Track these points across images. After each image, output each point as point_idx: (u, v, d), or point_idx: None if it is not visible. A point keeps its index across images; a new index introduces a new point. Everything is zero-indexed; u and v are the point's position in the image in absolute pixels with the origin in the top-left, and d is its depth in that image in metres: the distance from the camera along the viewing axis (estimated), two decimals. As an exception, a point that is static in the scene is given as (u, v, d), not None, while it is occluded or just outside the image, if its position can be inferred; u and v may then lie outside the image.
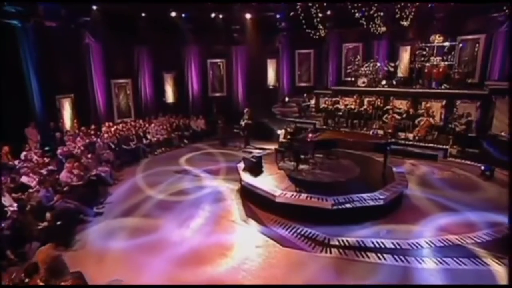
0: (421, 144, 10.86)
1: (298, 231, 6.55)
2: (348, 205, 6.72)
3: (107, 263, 5.71)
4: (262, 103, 15.77)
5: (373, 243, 6.09)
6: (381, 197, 6.88)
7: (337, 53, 15.81)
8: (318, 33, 14.03)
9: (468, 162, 10.02)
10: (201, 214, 7.48)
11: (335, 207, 6.67)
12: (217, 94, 16.91)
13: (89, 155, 9.44)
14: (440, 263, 5.49)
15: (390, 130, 11.35)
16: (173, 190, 8.82)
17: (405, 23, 12.26)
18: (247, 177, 8.21)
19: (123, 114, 14.16)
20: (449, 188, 8.48)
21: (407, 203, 7.62)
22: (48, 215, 5.90)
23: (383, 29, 12.73)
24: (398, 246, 5.98)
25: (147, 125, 12.75)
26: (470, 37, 12.61)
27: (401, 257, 5.67)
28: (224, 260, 5.75)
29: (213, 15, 14.97)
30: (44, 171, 7.78)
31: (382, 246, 6.00)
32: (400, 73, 13.76)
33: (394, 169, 8.43)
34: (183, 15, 14.44)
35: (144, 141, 11.90)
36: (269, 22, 15.77)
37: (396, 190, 7.25)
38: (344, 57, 15.74)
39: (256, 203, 7.67)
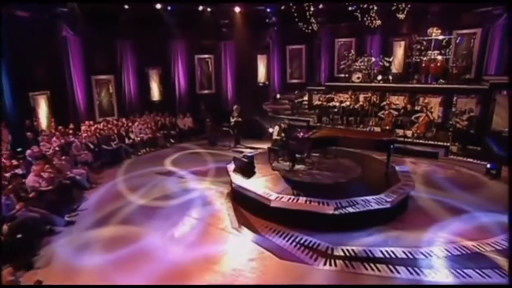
0: (421, 141, 10.23)
1: (297, 240, 5.73)
2: (351, 209, 5.93)
3: (75, 283, 4.76)
4: (253, 100, 14.97)
5: (382, 252, 5.31)
6: (388, 199, 6.13)
7: (329, 48, 15.21)
8: (310, 27, 13.30)
9: (471, 160, 9.39)
10: (187, 221, 6.60)
11: (337, 212, 5.87)
12: (205, 92, 15.99)
13: (63, 157, 8.40)
14: (461, 275, 4.73)
15: (387, 127, 10.70)
16: (156, 194, 7.90)
17: (401, 16, 11.61)
18: (238, 179, 7.39)
19: (105, 113, 13.13)
20: (455, 188, 7.83)
21: (413, 205, 6.91)
22: (4, 227, 4.92)
23: (378, 22, 12.06)
24: (410, 256, 5.21)
25: (130, 124, 11.75)
26: (466, 31, 12.09)
27: (416, 269, 4.91)
28: (213, 277, 4.89)
29: (200, 8, 14.05)
30: (8, 175, 6.74)
31: (393, 256, 5.23)
32: (394, 69, 13.16)
33: (398, 169, 7.72)
34: (168, 8, 13.47)
35: (126, 140, 10.92)
36: (259, 16, 15.02)
37: (403, 192, 6.50)
38: (337, 53, 15.11)
39: (248, 208, 6.85)
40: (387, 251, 5.32)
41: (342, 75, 14.30)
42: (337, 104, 12.17)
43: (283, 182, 7.12)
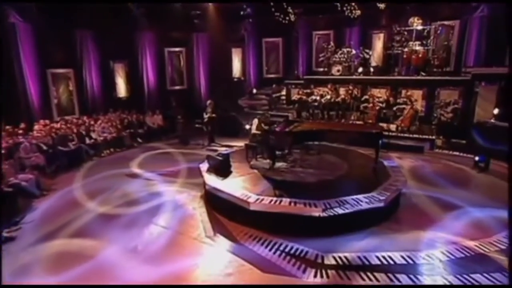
0: (406, 135, 9.87)
1: (282, 248, 5.00)
2: (341, 210, 5.28)
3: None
4: (228, 96, 14.34)
5: (378, 258, 4.68)
6: (381, 198, 5.53)
7: (307, 41, 14.76)
8: (287, 18, 12.68)
9: (457, 153, 9.09)
10: (154, 230, 5.71)
11: (326, 214, 5.19)
12: (177, 87, 15.02)
13: (7, 161, 7.23)
14: (469, 281, 4.17)
15: (370, 121, 10.28)
16: (119, 201, 6.94)
17: (381, 6, 11.21)
18: (212, 180, 6.60)
19: (64, 111, 11.82)
20: (444, 182, 7.44)
21: (405, 202, 6.38)
22: None
23: (358, 12, 11.61)
24: (410, 261, 4.62)
25: (92, 122, 10.61)
26: (445, 23, 11.86)
27: (418, 276, 4.30)
28: (183, 299, 4.05)
29: (170, -2, 13.10)
30: None
31: (391, 261, 4.61)
32: (373, 62, 12.80)
33: (387, 164, 7.19)
34: (134, -4, 12.42)
35: (87, 140, 9.79)
36: (233, 7, 14.32)
37: (396, 189, 5.94)
38: (315, 46, 14.64)
39: (225, 213, 6.07)
40: (384, 257, 4.70)
41: (321, 69, 13.87)
42: (317, 98, 11.60)
43: (263, 182, 6.42)
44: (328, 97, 11.56)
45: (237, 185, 6.28)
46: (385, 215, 5.69)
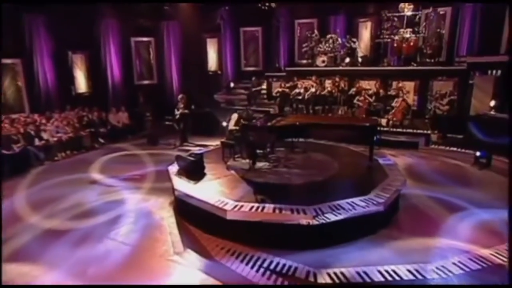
0: (398, 130, 9.49)
1: (265, 265, 4.35)
2: (335, 217, 4.67)
3: None
4: (203, 90, 13.67)
5: (381, 273, 4.09)
6: (379, 200, 4.97)
7: (288, 30, 14.22)
8: (267, 5, 12.11)
9: (454, 148, 8.75)
10: (112, 248, 4.92)
11: (317, 221, 4.58)
12: (146, 82, 14.21)
13: None
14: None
15: (362, 115, 9.80)
16: (71, 212, 6.07)
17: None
18: (182, 185, 5.91)
19: (11, 108, 10.68)
20: (445, 181, 7.04)
21: (406, 205, 5.89)
22: None
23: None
24: (420, 276, 4.06)
25: (44, 121, 9.59)
26: (437, 9, 11.56)
27: (430, 296, 3.74)
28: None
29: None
30: None
31: (397, 277, 4.03)
32: (360, 52, 12.40)
33: (382, 161, 6.70)
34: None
35: (37, 142, 8.78)
36: (207, -8, 13.57)
37: (395, 190, 5.40)
38: (297, 36, 14.12)
39: (197, 223, 5.38)
40: (388, 272, 4.12)
41: (304, 61, 13.43)
42: (302, 91, 11.07)
43: (242, 185, 5.80)
44: (313, 90, 11.05)
45: (212, 190, 5.62)
46: (384, 220, 5.15)
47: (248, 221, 4.82)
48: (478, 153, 7.62)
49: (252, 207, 4.94)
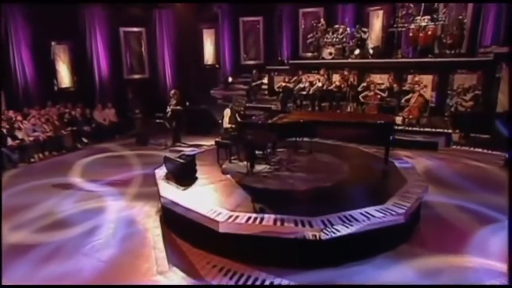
0: (415, 129, 9.05)
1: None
2: (347, 229, 4.19)
3: None
4: (199, 85, 13.46)
5: (403, 300, 3.59)
6: (399, 210, 4.48)
7: (292, 20, 13.87)
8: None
9: (479, 149, 8.30)
10: (85, 266, 4.47)
11: (325, 235, 4.10)
12: (136, 76, 13.77)
13: None
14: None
15: (372, 112, 9.37)
16: (42, 223, 5.63)
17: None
18: (170, 191, 5.46)
19: (-15, 104, 10.29)
20: (471, 186, 6.58)
21: (428, 215, 5.40)
22: None
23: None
24: (450, 304, 3.56)
25: (20, 118, 9.15)
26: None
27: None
28: None
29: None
30: None
31: (421, 305, 3.53)
32: (371, 43, 11.98)
33: (398, 164, 6.22)
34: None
35: (9, 141, 8.33)
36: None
37: (417, 197, 4.91)
38: (302, 26, 13.77)
39: (186, 236, 4.94)
40: (411, 297, 3.62)
41: (309, 54, 13.09)
42: (306, 85, 10.66)
43: (238, 192, 5.33)
44: (320, 84, 10.63)
45: (203, 197, 5.15)
46: (404, 233, 4.67)
47: (244, 235, 4.36)
48: (507, 155, 7.11)
49: (249, 218, 4.47)
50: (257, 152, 6.42)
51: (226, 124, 6.74)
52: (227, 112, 6.81)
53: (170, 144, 9.92)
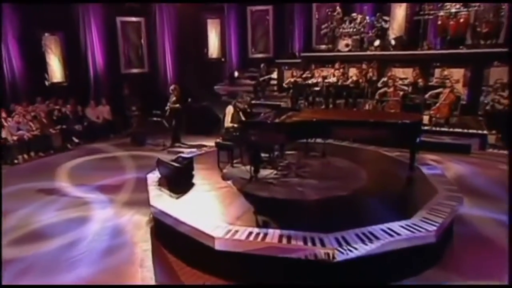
0: (443, 129, 8.61)
1: (266, 319, 3.44)
2: (366, 249, 3.76)
3: None
4: (202, 81, 13.11)
5: None
6: (429, 228, 4.01)
7: (305, 9, 13.49)
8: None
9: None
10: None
11: (340, 256, 3.67)
12: (134, 71, 13.62)
13: None
14: None
15: (393, 110, 8.99)
16: (20, 233, 5.35)
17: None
18: (161, 199, 5.10)
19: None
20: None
21: (463, 231, 4.92)
22: None
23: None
24: None
25: (4, 115, 8.94)
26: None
27: None
28: None
29: None
30: None
31: None
32: (392, 34, 11.55)
33: (426, 171, 5.76)
34: None
35: (-9, 141, 8.13)
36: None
37: (450, 211, 4.43)
38: (316, 15, 13.36)
39: (178, 252, 4.57)
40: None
41: (324, 46, 12.73)
42: (320, 80, 10.33)
43: (239, 202, 4.96)
44: (334, 79, 10.29)
45: (199, 207, 4.79)
46: (435, 255, 4.20)
47: (244, 254, 3.95)
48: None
49: (250, 233, 4.06)
50: (262, 155, 6.07)
51: (227, 123, 6.37)
52: (230, 110, 6.45)
53: (169, 144, 9.68)
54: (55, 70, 11.88)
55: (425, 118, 8.69)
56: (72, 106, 10.55)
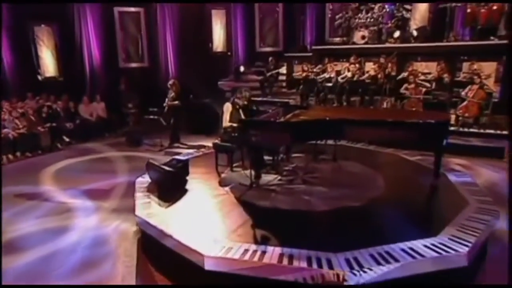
0: (472, 130, 8.18)
1: None
2: (383, 271, 3.32)
3: None
4: (206, 76, 12.83)
5: None
6: (460, 248, 3.55)
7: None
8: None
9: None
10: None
11: (353, 280, 3.25)
12: (133, 65, 13.42)
13: None
14: None
15: (414, 109, 8.61)
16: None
17: None
18: (148, 208, 4.76)
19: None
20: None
21: (498, 251, 4.39)
22: None
23: None
24: None
25: (-12, 113, 8.78)
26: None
27: None
28: None
29: None
30: None
31: None
32: (414, 24, 11.16)
33: (454, 178, 5.32)
34: None
35: (-26, 140, 7.90)
36: None
37: (485, 229, 3.95)
38: (329, 6, 13.12)
39: (165, 270, 4.21)
40: None
41: (338, 38, 12.45)
42: (332, 75, 9.96)
43: (236, 213, 4.58)
44: (349, 74, 9.90)
45: (189, 219, 4.43)
46: (465, 279, 3.72)
47: (238, 275, 3.55)
48: None
49: (246, 250, 3.66)
50: (266, 157, 5.70)
51: (226, 122, 5.97)
52: (228, 107, 6.05)
53: (167, 144, 9.41)
54: (48, 64, 11.75)
55: (451, 118, 8.29)
56: (64, 102, 10.35)
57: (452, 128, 7.91)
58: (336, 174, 5.68)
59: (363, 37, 11.10)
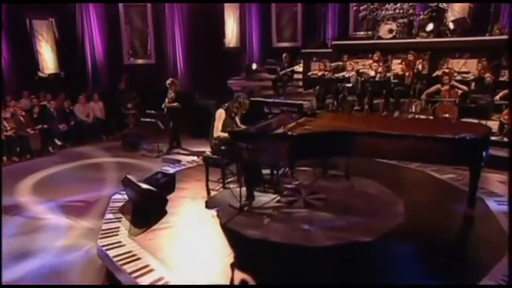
0: None
1: None
2: None
3: None
4: (217, 74, 12.49)
5: None
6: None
7: None
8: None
9: None
10: None
11: None
12: (139, 61, 13.19)
13: None
14: None
15: (447, 115, 7.73)
16: None
17: None
18: (113, 235, 4.30)
19: None
20: None
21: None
22: None
23: None
24: None
25: (-26, 113, 8.48)
26: None
27: None
28: None
29: None
30: None
31: None
32: (452, 16, 10.29)
33: (494, 205, 4.53)
34: None
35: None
36: None
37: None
38: None
39: None
40: None
41: (363, 33, 11.82)
42: (352, 74, 9.29)
43: (218, 244, 3.97)
44: (372, 73, 9.17)
45: (156, 251, 3.81)
46: None
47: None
48: None
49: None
50: (265, 172, 5.05)
51: (217, 131, 5.30)
52: (221, 114, 5.37)
53: (166, 149, 8.87)
54: (47, 59, 11.59)
55: (493, 125, 7.37)
56: (58, 102, 9.93)
57: (494, 138, 7.06)
58: (346, 196, 4.95)
59: (390, 31, 10.36)
